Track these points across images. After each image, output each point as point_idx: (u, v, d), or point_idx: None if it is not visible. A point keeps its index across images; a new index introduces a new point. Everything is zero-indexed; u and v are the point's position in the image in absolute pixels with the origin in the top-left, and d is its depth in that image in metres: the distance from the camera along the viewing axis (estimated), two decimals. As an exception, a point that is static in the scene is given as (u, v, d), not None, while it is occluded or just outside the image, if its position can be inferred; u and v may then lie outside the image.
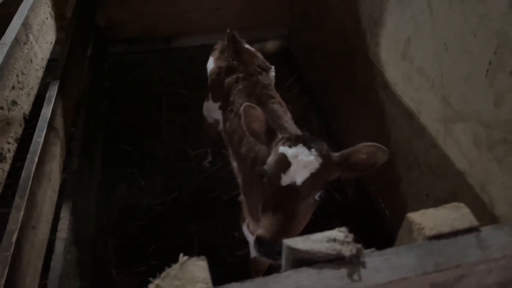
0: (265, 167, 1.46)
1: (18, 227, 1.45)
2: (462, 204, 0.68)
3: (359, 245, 0.61)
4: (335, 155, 1.49)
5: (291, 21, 4.21)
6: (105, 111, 3.49)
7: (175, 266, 0.58)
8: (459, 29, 1.76)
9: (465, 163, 1.86)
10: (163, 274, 0.57)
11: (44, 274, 1.79)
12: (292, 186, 1.37)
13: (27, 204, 1.55)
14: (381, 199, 2.78)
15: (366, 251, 0.62)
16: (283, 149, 1.44)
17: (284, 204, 1.36)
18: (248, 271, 2.38)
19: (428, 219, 0.65)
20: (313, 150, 1.41)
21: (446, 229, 0.64)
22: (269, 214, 1.35)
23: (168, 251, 2.68)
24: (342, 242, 0.61)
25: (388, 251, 0.61)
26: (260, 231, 1.33)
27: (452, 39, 1.82)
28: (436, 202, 2.13)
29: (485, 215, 1.73)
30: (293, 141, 1.45)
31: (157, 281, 0.56)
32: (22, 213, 1.51)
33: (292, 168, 1.38)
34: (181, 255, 0.59)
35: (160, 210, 2.93)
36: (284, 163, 1.40)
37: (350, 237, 0.62)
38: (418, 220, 0.65)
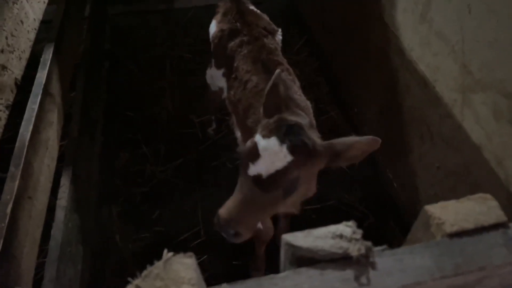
0: (241, 150, 1.44)
1: (13, 197, 1.41)
2: (488, 196, 0.59)
3: (369, 243, 0.53)
4: (322, 146, 1.39)
5: (301, -21, 3.96)
6: (105, 75, 3.38)
7: (158, 264, 0.51)
8: (486, -12, 1.60)
9: (482, 135, 1.75)
10: (144, 273, 0.50)
11: (46, 243, 1.78)
12: (257, 178, 1.34)
13: (22, 173, 1.50)
14: (388, 169, 2.70)
15: (376, 249, 0.54)
16: (257, 138, 1.39)
17: (249, 192, 1.36)
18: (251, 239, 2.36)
19: (449, 212, 0.57)
20: (285, 146, 1.32)
21: (469, 225, 0.56)
22: (235, 196, 1.38)
23: (172, 217, 2.68)
24: (350, 239, 0.53)
25: (401, 250, 0.54)
26: (221, 209, 1.38)
27: (476, 0, 1.66)
28: (447, 175, 2.05)
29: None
30: (269, 132, 1.38)
31: (137, 281, 0.50)
32: (17, 182, 1.46)
33: (260, 161, 1.34)
34: (165, 251, 0.52)
35: (164, 177, 2.90)
36: (254, 154, 1.36)
37: (359, 233, 0.54)
38: (437, 214, 0.57)
